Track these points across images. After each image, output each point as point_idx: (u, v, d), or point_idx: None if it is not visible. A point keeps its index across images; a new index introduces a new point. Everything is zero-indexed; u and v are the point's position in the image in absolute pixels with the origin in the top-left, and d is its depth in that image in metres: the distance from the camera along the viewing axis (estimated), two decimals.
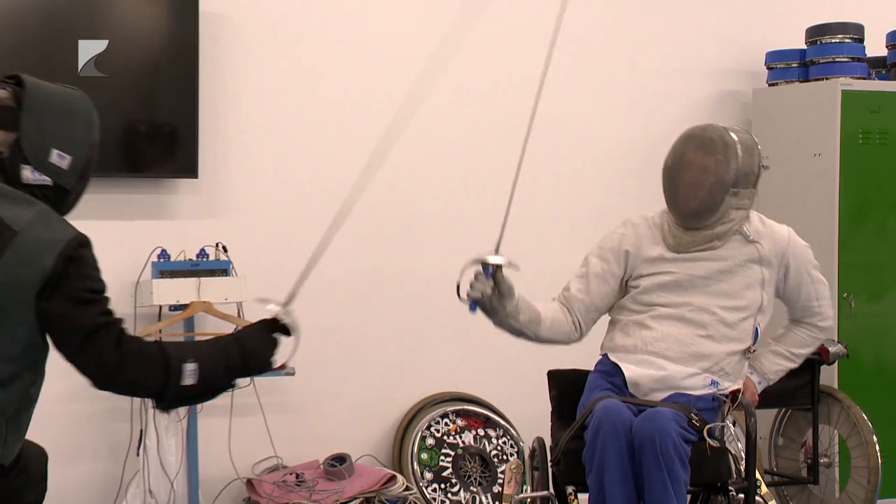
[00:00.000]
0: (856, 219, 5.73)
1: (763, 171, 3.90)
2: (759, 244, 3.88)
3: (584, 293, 3.98)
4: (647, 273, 3.91)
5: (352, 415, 5.49)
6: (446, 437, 5.53)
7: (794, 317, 4.11)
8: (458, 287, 3.66)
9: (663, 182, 3.91)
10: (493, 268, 3.66)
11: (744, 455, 3.76)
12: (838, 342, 5.46)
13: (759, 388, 4.04)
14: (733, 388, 3.86)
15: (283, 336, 3.16)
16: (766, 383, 4.06)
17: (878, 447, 5.27)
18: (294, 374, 5.10)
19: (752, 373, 4.04)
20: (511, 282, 3.73)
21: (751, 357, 4.05)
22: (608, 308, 4.00)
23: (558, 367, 4.05)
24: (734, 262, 3.87)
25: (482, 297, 3.68)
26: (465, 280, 3.65)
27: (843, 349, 5.42)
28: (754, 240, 3.88)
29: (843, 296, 5.68)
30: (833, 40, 5.91)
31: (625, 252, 3.96)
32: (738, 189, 3.80)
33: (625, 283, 3.97)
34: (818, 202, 5.75)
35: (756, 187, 3.90)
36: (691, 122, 3.94)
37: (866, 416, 5.34)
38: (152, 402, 3.02)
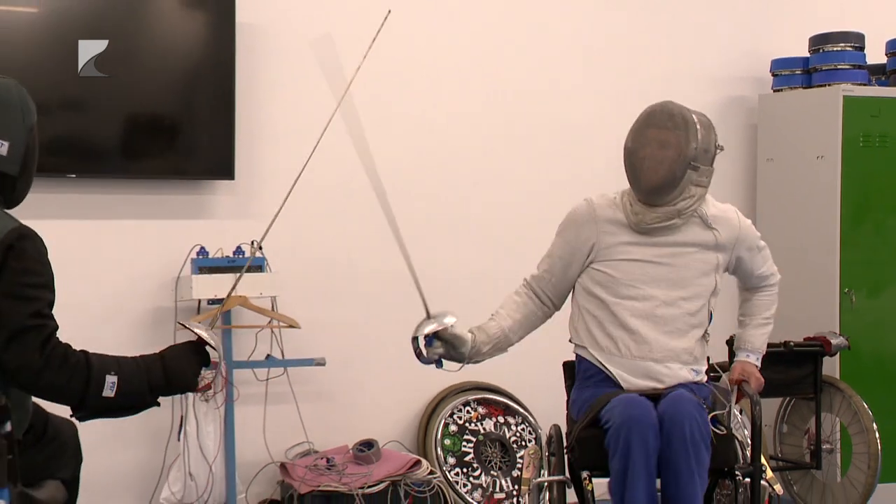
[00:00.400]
0: (857, 218, 5.70)
1: (719, 151, 3.78)
2: (717, 231, 3.81)
3: (550, 273, 3.92)
4: (612, 258, 3.81)
5: (379, 403, 5.50)
6: (468, 425, 5.53)
7: (749, 286, 4.03)
8: (418, 355, 3.72)
9: (625, 162, 3.78)
10: (431, 335, 3.73)
11: (749, 441, 3.74)
12: (840, 335, 5.45)
13: (757, 362, 4.00)
14: (704, 368, 3.84)
15: (208, 355, 3.07)
16: (759, 355, 4.02)
17: (877, 434, 5.27)
18: (325, 364, 5.13)
19: (747, 354, 4.00)
20: (455, 330, 3.75)
21: (738, 339, 4.03)
22: (575, 279, 3.92)
23: (572, 360, 4.03)
24: (692, 247, 3.78)
25: (440, 356, 3.77)
26: (423, 346, 3.73)
27: (845, 342, 5.41)
28: (712, 225, 3.81)
29: (845, 291, 5.65)
30: (835, 48, 5.88)
31: (587, 234, 3.85)
32: (697, 164, 3.69)
33: (588, 263, 3.86)
34: (821, 202, 5.73)
35: (713, 166, 3.79)
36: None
37: (866, 405, 5.33)
38: (70, 409, 2.91)
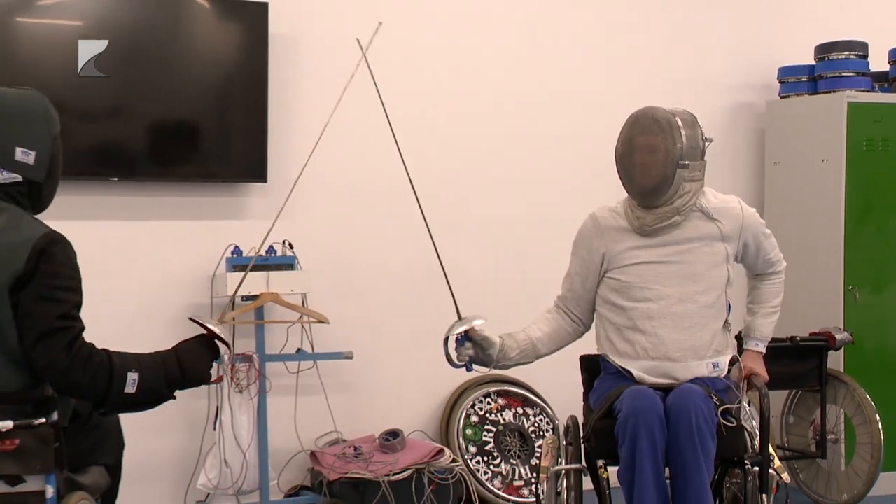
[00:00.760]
0: (860, 218, 5.68)
1: (707, 143, 3.77)
2: (720, 222, 3.78)
3: (572, 291, 3.93)
4: (623, 264, 3.79)
5: (404, 394, 5.50)
6: (489, 415, 5.52)
7: (756, 272, 3.99)
8: (448, 358, 3.74)
9: (618, 169, 3.77)
10: (463, 334, 3.75)
11: (758, 432, 3.72)
12: (844, 330, 5.43)
13: (763, 350, 3.98)
14: (728, 358, 3.81)
15: (219, 349, 3.08)
16: (766, 343, 4.00)
17: (880, 425, 5.25)
18: (352, 358, 5.13)
19: (756, 343, 3.98)
20: (485, 333, 3.77)
21: (746, 328, 4.00)
22: (595, 292, 3.90)
23: (589, 353, 4.03)
24: (699, 242, 3.76)
25: (470, 358, 3.78)
26: (452, 350, 3.76)
27: (849, 336, 5.38)
28: (715, 217, 3.78)
29: (849, 288, 5.63)
30: (839, 57, 5.86)
31: (597, 246, 3.84)
32: (686, 161, 3.68)
33: (603, 273, 3.85)
34: (826, 203, 5.70)
35: (704, 159, 3.77)
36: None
37: (870, 397, 5.31)
38: (93, 405, 2.92)
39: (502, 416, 5.54)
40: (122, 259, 4.95)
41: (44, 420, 2.74)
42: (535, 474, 5.33)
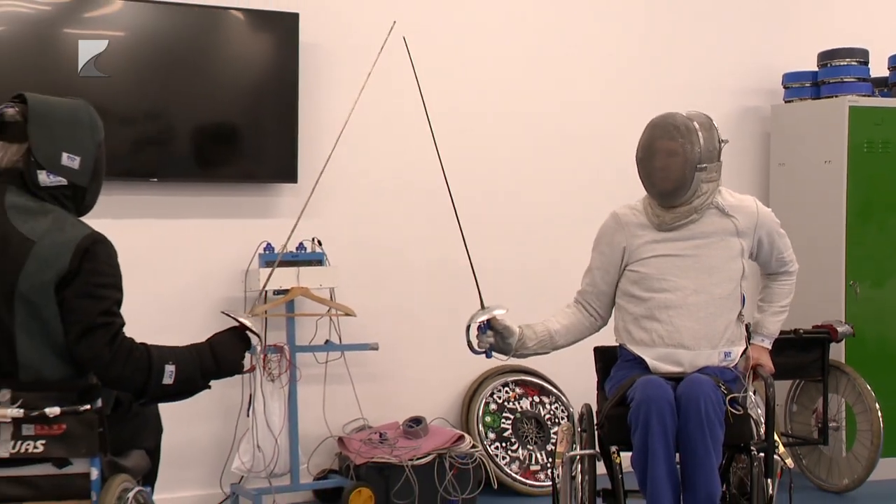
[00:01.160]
0: (861, 217, 5.66)
1: (723, 144, 3.77)
2: (735, 218, 3.77)
3: (593, 286, 3.92)
4: (642, 257, 3.79)
5: (427, 383, 5.50)
6: (507, 403, 5.52)
7: (769, 271, 3.98)
8: (469, 344, 3.75)
9: (639, 171, 3.78)
10: (485, 322, 3.76)
11: (763, 419, 3.71)
12: (845, 323, 5.41)
13: (769, 346, 3.96)
14: (740, 350, 3.80)
15: (251, 341, 3.06)
16: (772, 339, 3.98)
17: (880, 413, 5.24)
18: (378, 349, 5.14)
19: (762, 339, 3.96)
20: (506, 323, 3.77)
21: (755, 324, 3.98)
22: (615, 286, 3.91)
23: (603, 345, 4.02)
24: (715, 237, 3.76)
25: (490, 346, 3.79)
26: (473, 337, 3.77)
27: (850, 329, 5.37)
28: (730, 214, 3.78)
29: (850, 283, 5.61)
30: (841, 63, 5.83)
31: (618, 241, 3.85)
32: (704, 164, 3.68)
33: (624, 267, 3.85)
34: (828, 203, 5.69)
35: (720, 160, 3.77)
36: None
37: (870, 387, 5.30)
38: (134, 396, 2.93)
39: (520, 404, 5.54)
40: (162, 255, 4.97)
41: (88, 407, 2.75)
42: (550, 459, 5.33)
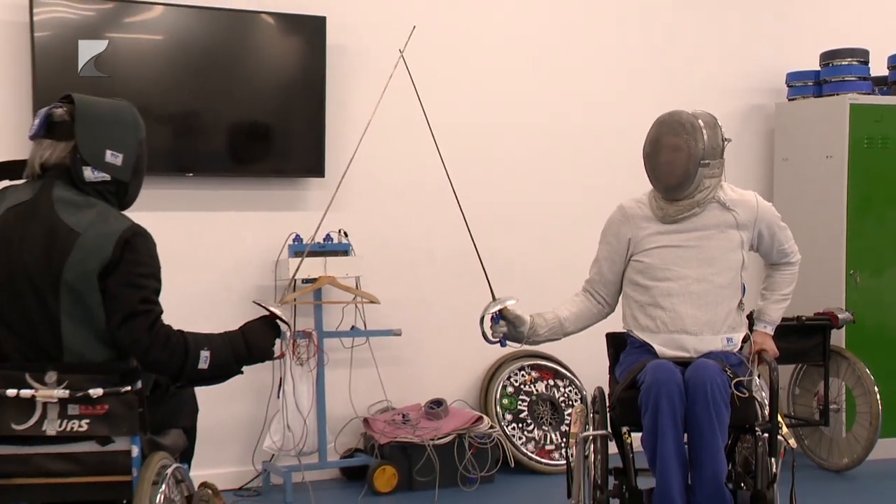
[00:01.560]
0: (861, 210, 5.63)
1: (726, 143, 3.76)
2: (735, 212, 3.76)
3: (600, 275, 3.91)
4: (647, 248, 3.78)
5: (447, 367, 5.51)
6: (523, 386, 5.53)
7: (772, 262, 3.96)
8: (484, 335, 3.74)
9: (645, 165, 3.77)
10: (497, 313, 3.75)
11: (767, 402, 3.70)
12: (846, 310, 5.39)
13: (771, 332, 3.94)
14: (742, 335, 3.79)
15: (280, 329, 3.07)
16: (774, 326, 3.96)
17: (878, 396, 5.23)
18: (401, 334, 5.15)
19: (765, 325, 3.94)
20: (517, 312, 3.75)
21: (758, 311, 3.96)
22: (622, 275, 3.89)
23: (614, 331, 4.02)
24: (716, 229, 3.74)
25: (504, 335, 3.77)
26: (487, 328, 3.75)
27: (850, 316, 5.34)
28: (730, 207, 3.76)
29: (850, 272, 5.59)
30: (843, 63, 5.80)
31: (624, 232, 3.84)
32: (707, 160, 3.67)
33: (629, 257, 3.84)
34: (830, 196, 5.66)
35: (723, 157, 3.76)
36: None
37: (869, 371, 5.28)
38: (170, 380, 2.96)
39: (535, 387, 5.55)
40: (198, 246, 5.00)
41: (129, 388, 2.77)
42: (564, 440, 5.34)
